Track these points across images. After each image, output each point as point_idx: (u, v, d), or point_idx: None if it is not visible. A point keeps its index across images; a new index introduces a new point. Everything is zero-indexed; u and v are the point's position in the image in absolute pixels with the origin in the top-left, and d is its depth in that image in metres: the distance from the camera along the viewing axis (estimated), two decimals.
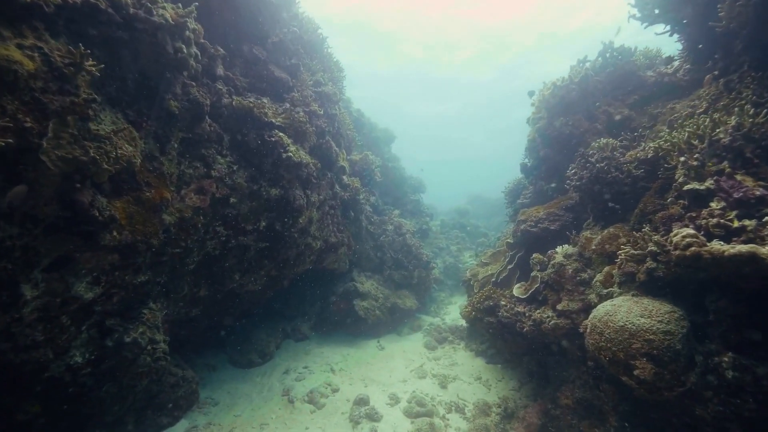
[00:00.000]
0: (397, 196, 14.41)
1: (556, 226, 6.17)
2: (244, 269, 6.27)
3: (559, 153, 6.91)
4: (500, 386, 7.38)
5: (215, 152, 5.13)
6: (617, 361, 3.61)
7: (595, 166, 4.67)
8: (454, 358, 8.76)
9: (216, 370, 7.94)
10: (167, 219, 4.50)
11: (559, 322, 4.99)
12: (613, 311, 3.77)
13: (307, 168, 6.01)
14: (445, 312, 12.13)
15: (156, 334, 4.60)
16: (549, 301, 5.37)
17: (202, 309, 6.45)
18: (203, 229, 5.20)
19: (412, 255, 11.08)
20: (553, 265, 5.27)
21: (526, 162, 8.17)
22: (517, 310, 5.63)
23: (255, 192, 5.68)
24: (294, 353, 8.84)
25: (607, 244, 4.57)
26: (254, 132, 5.34)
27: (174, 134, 4.51)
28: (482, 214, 24.94)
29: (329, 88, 6.87)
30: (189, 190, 4.85)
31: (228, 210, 5.43)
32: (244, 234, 5.81)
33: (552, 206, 6.43)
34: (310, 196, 6.64)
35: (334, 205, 7.85)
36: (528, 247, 7.04)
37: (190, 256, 5.21)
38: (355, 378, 7.76)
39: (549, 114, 6.78)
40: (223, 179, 5.24)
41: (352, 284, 10.02)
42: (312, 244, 7.29)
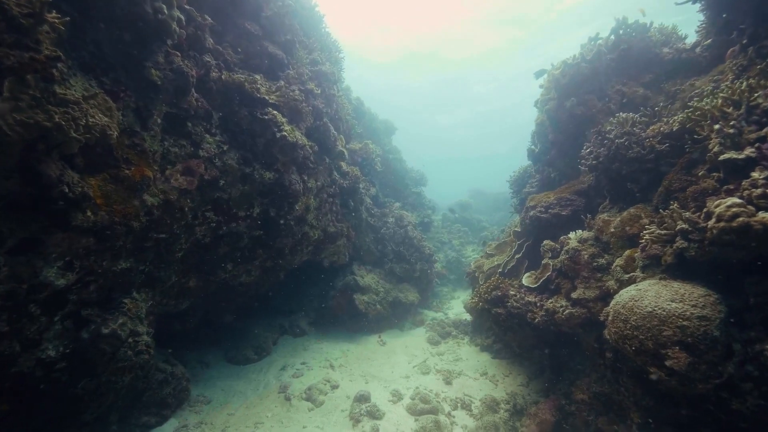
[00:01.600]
0: (398, 189, 14.05)
1: (567, 212, 5.81)
2: (237, 259, 5.91)
3: (570, 136, 6.55)
4: (508, 382, 7.03)
5: (203, 130, 4.76)
6: (645, 350, 3.25)
7: (614, 143, 4.31)
8: (459, 353, 8.42)
9: (210, 366, 7.59)
10: (149, 200, 4.14)
11: (574, 311, 4.64)
12: (639, 296, 3.41)
13: (303, 150, 5.65)
14: (448, 306, 11.79)
15: (138, 325, 4.25)
16: (562, 290, 5.02)
17: (193, 301, 6.09)
18: (191, 213, 4.84)
19: (414, 248, 10.72)
20: (566, 251, 4.91)
21: (533, 148, 7.80)
22: (528, 300, 5.28)
23: (247, 175, 5.32)
24: (292, 349, 8.50)
25: (627, 226, 4.21)
26: (246, 109, 4.97)
27: (157, 108, 4.15)
28: (484, 209, 24.60)
29: (327, 67, 6.50)
30: (174, 171, 4.49)
31: (218, 194, 5.07)
32: (236, 220, 5.45)
33: (563, 191, 6.07)
34: (307, 182, 6.28)
35: (333, 193, 7.49)
36: (536, 236, 6.68)
37: (178, 243, 4.85)
38: (355, 374, 7.42)
39: (559, 94, 6.41)
40: (212, 160, 4.88)
41: (352, 278, 9.67)
42: (309, 234, 6.93)
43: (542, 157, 7.58)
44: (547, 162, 7.54)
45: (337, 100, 7.24)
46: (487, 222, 19.60)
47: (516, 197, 9.75)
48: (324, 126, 6.33)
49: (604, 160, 4.47)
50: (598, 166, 4.63)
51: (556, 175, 7.57)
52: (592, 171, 4.89)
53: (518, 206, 9.67)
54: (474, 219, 18.17)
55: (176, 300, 5.64)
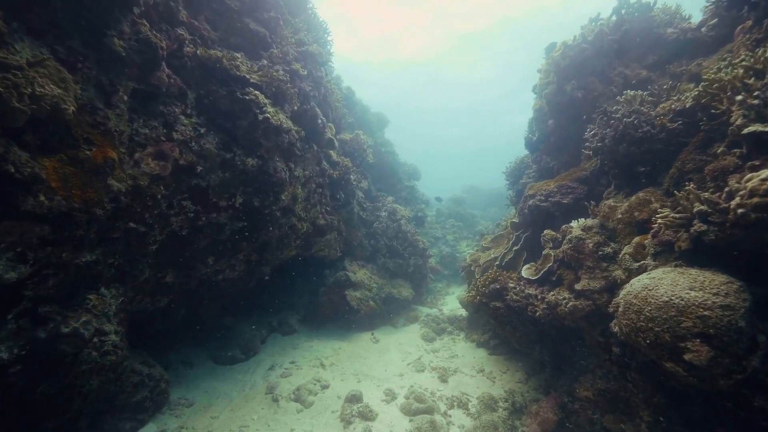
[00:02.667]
0: (391, 183, 13.71)
1: (568, 200, 5.52)
2: (219, 252, 5.53)
3: (570, 122, 6.26)
4: (505, 378, 6.76)
5: (177, 111, 4.37)
6: (661, 344, 2.97)
7: (621, 122, 4.01)
8: (454, 350, 8.13)
9: (194, 367, 7.20)
10: (116, 186, 3.75)
11: (578, 303, 4.35)
12: (653, 285, 3.12)
13: (288, 135, 5.28)
14: (443, 302, 11.50)
15: (105, 324, 3.86)
16: (565, 282, 4.73)
17: (173, 298, 5.71)
18: (165, 202, 4.46)
19: (408, 242, 10.40)
20: (569, 240, 4.62)
21: (530, 136, 7.51)
22: (528, 293, 4.99)
23: (228, 161, 4.94)
24: (281, 348, 8.14)
25: (636, 211, 3.92)
26: (224, 89, 4.59)
27: (122, 83, 3.75)
28: (478, 204, 24.41)
29: (314, 48, 6.12)
30: (145, 154, 4.10)
31: (195, 181, 4.69)
32: (216, 210, 5.07)
33: (563, 178, 5.78)
34: (294, 170, 5.91)
35: (322, 184, 7.12)
36: (535, 226, 6.39)
37: (151, 234, 4.46)
38: (347, 373, 7.09)
39: (559, 78, 6.12)
40: (188, 144, 4.49)
41: (344, 273, 9.33)
42: (297, 226, 6.57)
43: (540, 146, 7.29)
44: (545, 150, 7.25)
45: (325, 84, 6.87)
46: (481, 217, 19.36)
47: (512, 189, 9.48)
48: (311, 111, 5.96)
49: (610, 141, 4.18)
50: (603, 149, 4.34)
51: (555, 164, 7.29)
52: (596, 154, 4.60)
53: (514, 198, 9.40)
54: (468, 214, 17.90)
55: (153, 297, 5.26)
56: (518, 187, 8.94)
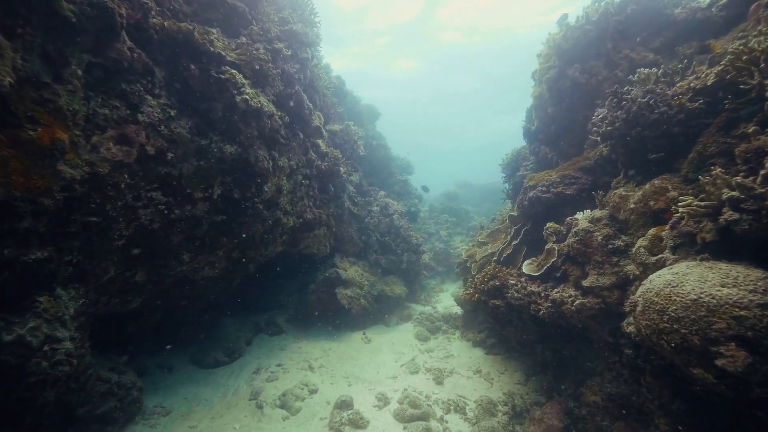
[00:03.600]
0: (383, 177, 13.30)
1: (572, 191, 5.18)
2: (196, 249, 5.08)
3: (572, 109, 5.92)
4: (504, 380, 6.43)
5: (143, 90, 3.91)
6: (689, 347, 2.62)
7: (635, 103, 3.66)
8: (449, 350, 7.79)
9: (173, 371, 6.75)
10: (68, 172, 3.29)
11: (586, 301, 4.01)
12: (677, 281, 2.77)
13: (271, 120, 4.84)
14: (437, 300, 11.16)
15: (58, 329, 3.41)
16: (570, 278, 4.39)
17: (147, 299, 5.25)
18: (131, 192, 4.00)
19: (401, 238, 10.02)
20: (575, 234, 4.28)
21: (529, 126, 7.16)
22: (531, 290, 4.63)
23: (203, 148, 4.49)
24: (267, 349, 7.71)
25: (651, 200, 3.58)
26: (197, 66, 4.13)
27: (75, 54, 3.28)
28: (470, 200, 24.12)
29: (299, 27, 5.66)
30: (105, 138, 3.63)
31: (166, 169, 4.23)
32: (191, 203, 4.62)
33: (566, 168, 5.44)
34: (278, 160, 5.47)
35: (310, 175, 6.69)
36: (536, 219, 6.05)
37: (115, 229, 4.00)
38: (337, 376, 6.70)
39: (561, 62, 5.76)
40: (157, 127, 4.03)
41: (334, 270, 8.92)
42: (283, 220, 6.13)
43: (539, 135, 6.94)
44: (544, 140, 6.91)
45: (312, 68, 6.42)
46: (474, 212, 19.07)
47: (509, 182, 9.14)
48: (297, 95, 5.52)
49: (622, 125, 3.83)
50: (613, 133, 3.98)
51: (554, 155, 6.95)
52: (605, 140, 4.25)
53: (511, 191, 9.07)
54: (461, 209, 17.59)
55: (122, 297, 4.79)
56: (515, 180, 8.61)
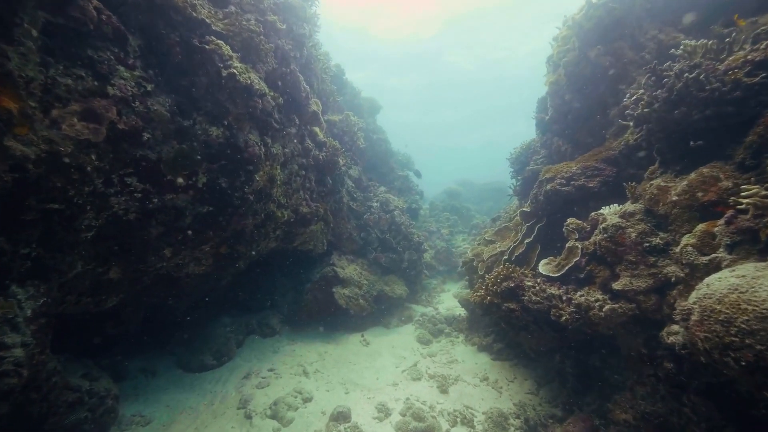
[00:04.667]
0: (383, 172, 12.80)
1: (595, 183, 4.71)
2: (178, 243, 4.58)
3: (593, 96, 5.45)
4: (513, 389, 5.97)
5: (114, 59, 3.40)
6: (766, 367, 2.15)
7: (680, 79, 3.19)
8: (453, 354, 7.32)
9: (157, 375, 6.26)
10: (19, 150, 2.79)
11: (618, 306, 3.54)
12: (747, 286, 2.30)
13: (263, 100, 4.34)
14: (438, 300, 10.69)
15: (7, 334, 2.91)
16: (596, 280, 3.92)
17: (124, 298, 4.75)
18: (100, 176, 3.49)
19: (402, 235, 9.54)
20: (604, 230, 3.80)
21: (542, 116, 6.69)
22: (551, 293, 4.16)
23: (185, 130, 3.98)
24: (259, 352, 7.23)
25: (699, 191, 3.11)
26: (177, 34, 3.63)
27: (28, 12, 2.77)
28: (471, 198, 23.65)
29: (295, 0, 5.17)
30: (67, 112, 3.13)
31: (141, 152, 3.72)
32: (172, 191, 4.11)
33: (588, 159, 4.97)
34: (271, 146, 4.97)
35: (306, 166, 6.18)
36: (551, 215, 5.58)
37: (83, 218, 3.50)
38: (333, 382, 6.22)
39: (581, 43, 5.29)
40: (130, 103, 3.52)
41: (331, 269, 8.43)
42: (276, 214, 5.64)
43: (553, 126, 6.47)
44: (558, 131, 6.43)
45: (309, 47, 5.91)
46: (475, 211, 18.60)
47: (517, 177, 8.67)
48: (292, 75, 5.02)
49: (662, 105, 3.36)
50: (651, 116, 3.51)
51: (568, 147, 6.48)
52: (639, 124, 3.78)
53: (519, 187, 8.59)
54: (463, 207, 17.12)
55: (94, 296, 4.29)
56: (525, 175, 8.14)
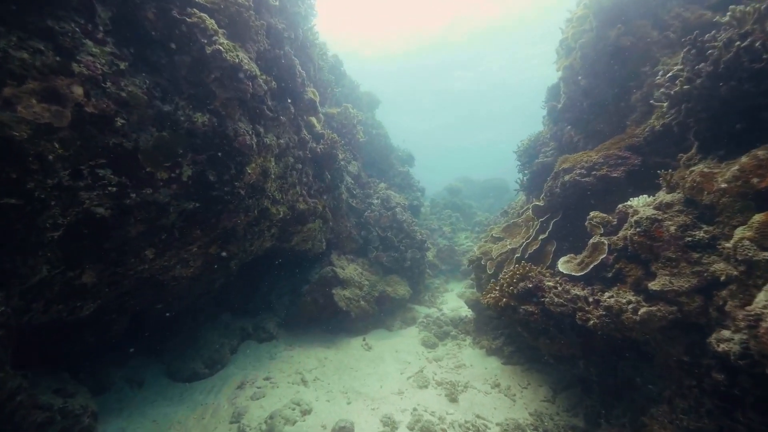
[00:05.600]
0: (383, 169, 12.38)
1: (619, 173, 4.30)
2: (162, 243, 4.15)
3: (611, 79, 5.04)
4: (527, 396, 5.57)
5: (79, 31, 2.96)
6: None
7: (730, 49, 2.78)
8: (461, 358, 6.92)
9: (144, 386, 5.82)
10: None
11: (656, 309, 3.13)
12: None
13: (253, 84, 3.91)
14: (442, 300, 10.28)
15: None
16: (628, 279, 3.51)
17: (103, 304, 4.31)
18: (66, 168, 3.06)
19: (404, 233, 9.12)
20: (636, 223, 3.39)
21: (554, 104, 6.28)
22: (575, 294, 3.75)
23: (166, 115, 3.55)
24: (255, 359, 6.80)
25: (754, 176, 2.70)
26: (153, 5, 3.19)
27: None
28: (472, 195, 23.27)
29: None
30: (23, 91, 2.69)
31: (115, 140, 3.28)
32: (152, 185, 3.68)
33: (610, 147, 4.56)
34: (264, 136, 4.54)
35: (303, 159, 5.75)
36: (568, 209, 5.18)
37: (46, 215, 3.06)
38: (334, 391, 5.80)
39: (599, 22, 4.88)
40: (101, 83, 3.08)
41: (331, 269, 8.01)
42: (271, 211, 5.21)
43: (566, 114, 6.06)
44: (572, 119, 6.03)
45: (304, 29, 5.45)
46: (477, 208, 18.21)
47: (524, 171, 8.26)
48: (286, 58, 4.58)
49: (706, 80, 2.96)
50: (691, 93, 3.11)
51: (581, 137, 6.08)
52: (676, 104, 3.37)
53: (527, 181, 8.19)
54: (465, 204, 16.71)
55: (67, 303, 3.85)
56: (533, 169, 7.72)
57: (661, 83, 3.54)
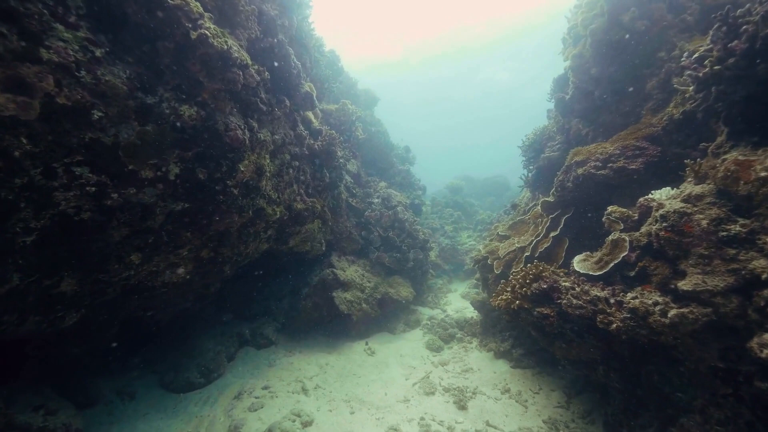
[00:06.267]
0: (383, 167, 12.09)
1: (638, 165, 4.03)
2: (149, 247, 3.86)
3: (624, 66, 4.77)
4: (540, 402, 5.30)
5: (48, 13, 2.67)
6: None
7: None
8: (468, 362, 6.65)
9: (136, 398, 5.53)
10: None
11: (688, 311, 2.86)
12: None
13: (244, 73, 3.62)
14: (446, 301, 10.00)
15: None
16: (653, 278, 3.24)
17: (87, 313, 4.02)
18: (36, 165, 2.77)
19: (406, 233, 8.84)
20: (663, 218, 3.12)
21: (562, 95, 6.00)
22: (596, 295, 3.47)
23: (148, 108, 3.26)
24: (253, 366, 6.51)
25: None
26: None
27: None
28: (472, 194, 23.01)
29: None
30: None
31: (91, 134, 3.00)
32: (135, 184, 3.40)
33: (626, 138, 4.29)
34: (257, 131, 4.25)
35: (299, 156, 5.46)
36: (580, 205, 4.90)
37: (16, 218, 2.78)
38: (336, 399, 5.52)
39: (612, 6, 4.59)
40: (74, 71, 2.80)
41: (331, 271, 7.72)
42: (266, 211, 4.92)
43: (575, 105, 5.78)
44: (581, 111, 5.75)
45: (299, 18, 5.16)
46: (478, 206, 17.94)
47: (529, 167, 7.99)
48: (280, 47, 4.29)
49: (740, 59, 2.69)
50: (721, 75, 2.83)
51: (590, 130, 5.80)
52: (704, 88, 3.10)
53: (532, 177, 7.91)
54: (467, 203, 16.43)
55: (45, 314, 3.56)
56: (539, 164, 7.45)
57: (687, 65, 3.27)
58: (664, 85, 4.33)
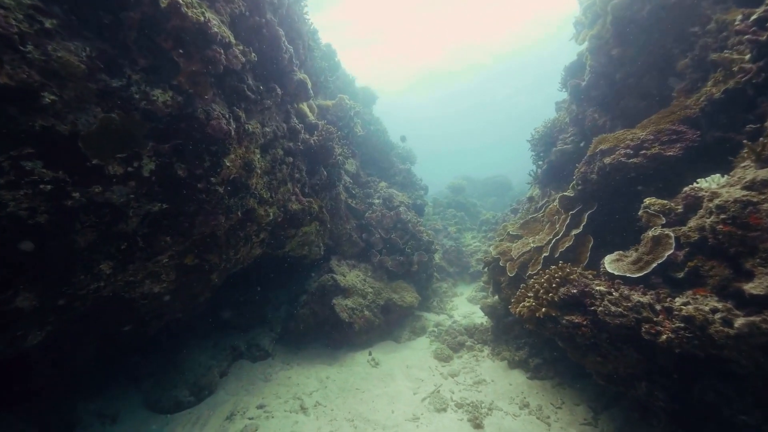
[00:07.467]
0: (383, 167, 11.64)
1: (675, 151, 3.56)
2: (121, 254, 3.37)
3: (650, 44, 4.33)
4: (564, 418, 4.80)
5: None
6: None
7: None
8: (480, 373, 6.15)
9: (117, 420, 5.03)
10: None
11: (761, 320, 2.38)
12: None
13: (227, 53, 3.16)
14: (452, 306, 9.49)
15: None
16: (709, 281, 2.77)
17: (54, 331, 3.53)
18: None
19: (409, 234, 8.37)
20: (718, 209, 2.65)
21: (578, 82, 5.55)
22: (638, 301, 2.99)
23: (114, 92, 2.79)
24: (248, 381, 6.00)
25: None
26: None
27: None
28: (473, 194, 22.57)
29: None
30: None
31: (42, 121, 2.52)
32: (101, 182, 2.92)
33: (659, 121, 3.83)
34: (245, 122, 3.78)
35: (294, 151, 4.99)
36: (604, 200, 4.43)
37: None
38: (339, 418, 5.02)
39: None
40: (16, 45, 2.33)
41: (330, 277, 7.24)
42: (258, 212, 4.44)
43: (591, 92, 5.33)
44: (599, 99, 5.30)
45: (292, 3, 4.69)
46: (482, 206, 17.47)
47: (541, 162, 7.55)
48: (270, 27, 3.81)
49: None
50: None
51: (607, 119, 5.36)
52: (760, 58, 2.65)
53: (543, 174, 7.46)
54: (469, 203, 15.96)
55: (1, 334, 3.07)
56: (550, 159, 7.01)
57: (744, 29, 2.82)
58: (700, 63, 3.88)
